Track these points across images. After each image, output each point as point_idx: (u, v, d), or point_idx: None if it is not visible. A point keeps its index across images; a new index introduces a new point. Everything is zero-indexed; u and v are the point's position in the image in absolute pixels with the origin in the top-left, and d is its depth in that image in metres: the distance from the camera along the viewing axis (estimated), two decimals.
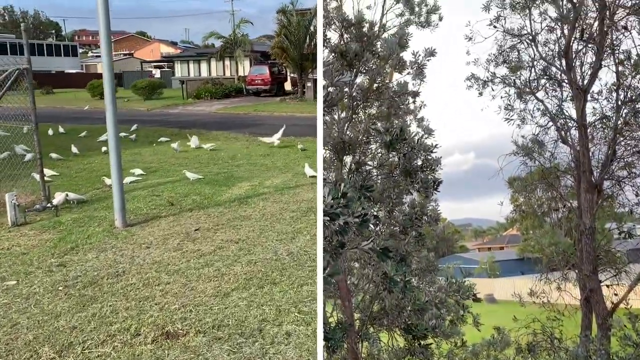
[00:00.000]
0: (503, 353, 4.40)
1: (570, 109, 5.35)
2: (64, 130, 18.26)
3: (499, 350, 4.34)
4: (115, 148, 7.18)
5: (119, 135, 7.68)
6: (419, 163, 3.26)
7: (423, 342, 3.22)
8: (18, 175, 9.03)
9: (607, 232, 5.60)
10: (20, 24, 13.52)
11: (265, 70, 36.53)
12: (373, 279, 3.38)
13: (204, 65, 42.88)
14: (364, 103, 3.47)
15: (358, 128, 3.48)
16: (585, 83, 5.13)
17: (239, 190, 9.14)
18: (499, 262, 16.79)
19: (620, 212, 5.47)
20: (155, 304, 4.70)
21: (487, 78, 5.71)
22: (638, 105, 4.92)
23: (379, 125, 3.25)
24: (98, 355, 3.92)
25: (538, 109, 5.55)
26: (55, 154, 12.66)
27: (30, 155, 9.89)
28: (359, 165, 3.34)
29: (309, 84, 31.98)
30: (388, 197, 3.46)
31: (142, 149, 14.57)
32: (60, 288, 5.10)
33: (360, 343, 3.31)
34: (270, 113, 25.68)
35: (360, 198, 2.70)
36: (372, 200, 3.26)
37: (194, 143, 14.61)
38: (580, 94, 5.08)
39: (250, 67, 39.01)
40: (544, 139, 5.51)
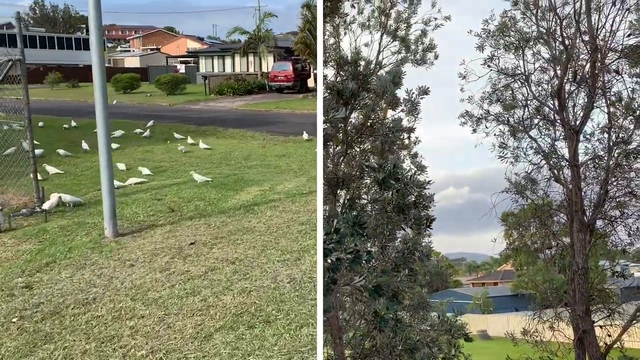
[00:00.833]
0: None
1: (563, 148, 5.43)
2: (77, 125, 17.65)
3: None
4: (106, 145, 6.37)
5: (109, 133, 6.82)
6: (412, 199, 3.28)
7: None
8: (21, 173, 8.38)
9: (600, 270, 5.60)
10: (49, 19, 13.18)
11: (289, 67, 34.24)
12: (365, 316, 3.36)
13: (228, 61, 42.07)
14: (359, 138, 3.51)
15: (352, 163, 3.51)
16: (578, 123, 5.22)
17: (247, 196, 8.63)
18: (493, 297, 16.67)
19: (614, 250, 5.49)
20: (120, 347, 4.02)
21: (480, 115, 5.80)
22: (629, 147, 5.00)
23: (373, 162, 3.28)
24: None
25: (531, 147, 5.64)
26: (64, 150, 12.12)
27: (40, 152, 9.32)
28: (353, 201, 3.35)
29: None
30: (381, 232, 3.47)
31: (155, 146, 13.91)
32: (14, 320, 4.44)
33: None
34: (292, 110, 24.11)
35: (354, 234, 2.70)
36: (365, 236, 3.26)
37: (186, 144, 14.37)
38: (573, 135, 5.16)
39: (274, 63, 37.26)
40: (537, 177, 5.58)
